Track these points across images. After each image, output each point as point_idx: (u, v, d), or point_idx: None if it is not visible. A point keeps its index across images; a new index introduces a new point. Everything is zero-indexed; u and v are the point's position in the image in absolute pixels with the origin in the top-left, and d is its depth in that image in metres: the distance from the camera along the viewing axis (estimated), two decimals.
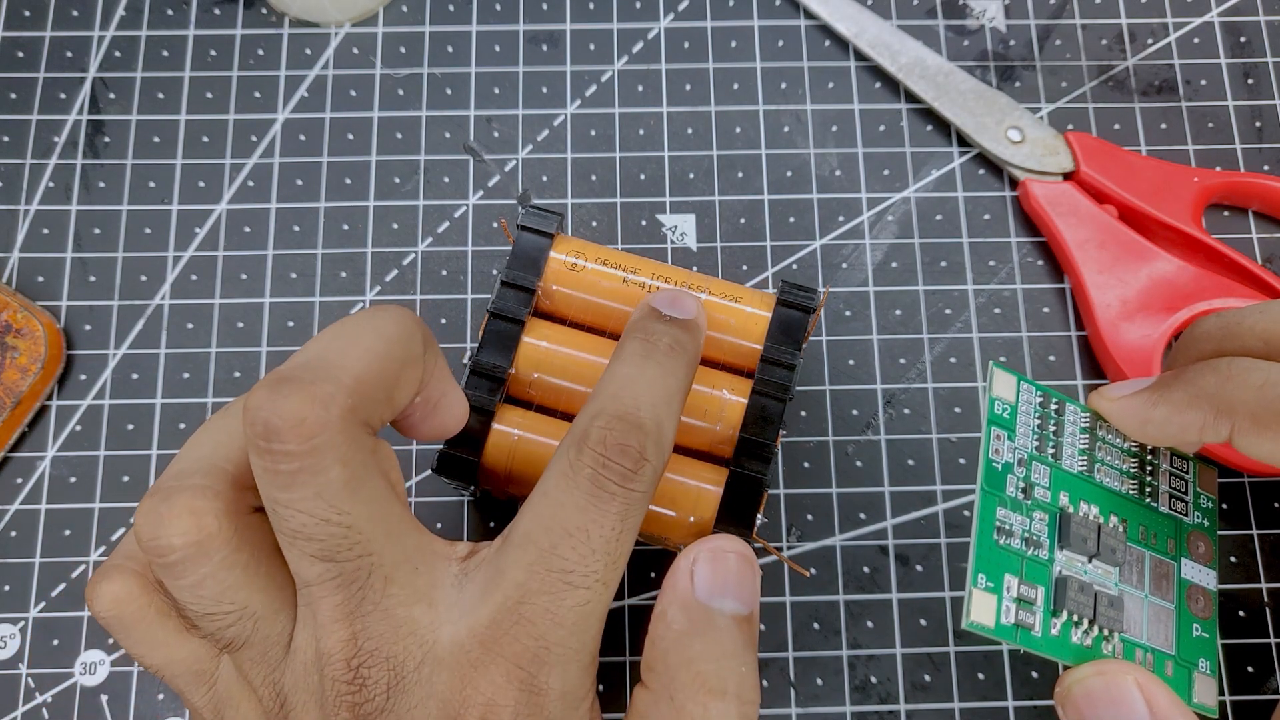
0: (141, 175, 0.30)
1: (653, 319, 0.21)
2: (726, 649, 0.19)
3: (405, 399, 0.19)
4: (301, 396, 0.16)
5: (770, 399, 0.24)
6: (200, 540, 0.17)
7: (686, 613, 0.19)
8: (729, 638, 0.19)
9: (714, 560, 0.19)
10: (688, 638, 0.19)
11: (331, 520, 0.16)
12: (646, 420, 0.18)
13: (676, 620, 0.19)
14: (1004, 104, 0.30)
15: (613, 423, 0.18)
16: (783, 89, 0.31)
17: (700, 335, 0.22)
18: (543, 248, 0.24)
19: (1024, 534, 0.21)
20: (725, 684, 0.18)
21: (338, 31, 0.31)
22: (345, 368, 0.17)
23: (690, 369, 0.21)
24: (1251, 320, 0.20)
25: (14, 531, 0.27)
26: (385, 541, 0.17)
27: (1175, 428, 0.19)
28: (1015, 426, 0.22)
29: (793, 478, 0.28)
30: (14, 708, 0.26)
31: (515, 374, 0.24)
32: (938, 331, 0.29)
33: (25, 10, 0.31)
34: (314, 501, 0.16)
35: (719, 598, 0.19)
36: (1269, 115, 0.31)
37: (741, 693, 0.18)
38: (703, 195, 0.30)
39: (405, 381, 0.18)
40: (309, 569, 0.17)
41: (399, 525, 0.18)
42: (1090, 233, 0.28)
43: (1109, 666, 0.20)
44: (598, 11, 0.32)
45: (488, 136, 0.30)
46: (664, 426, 0.18)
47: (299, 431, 0.16)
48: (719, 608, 0.19)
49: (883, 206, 0.30)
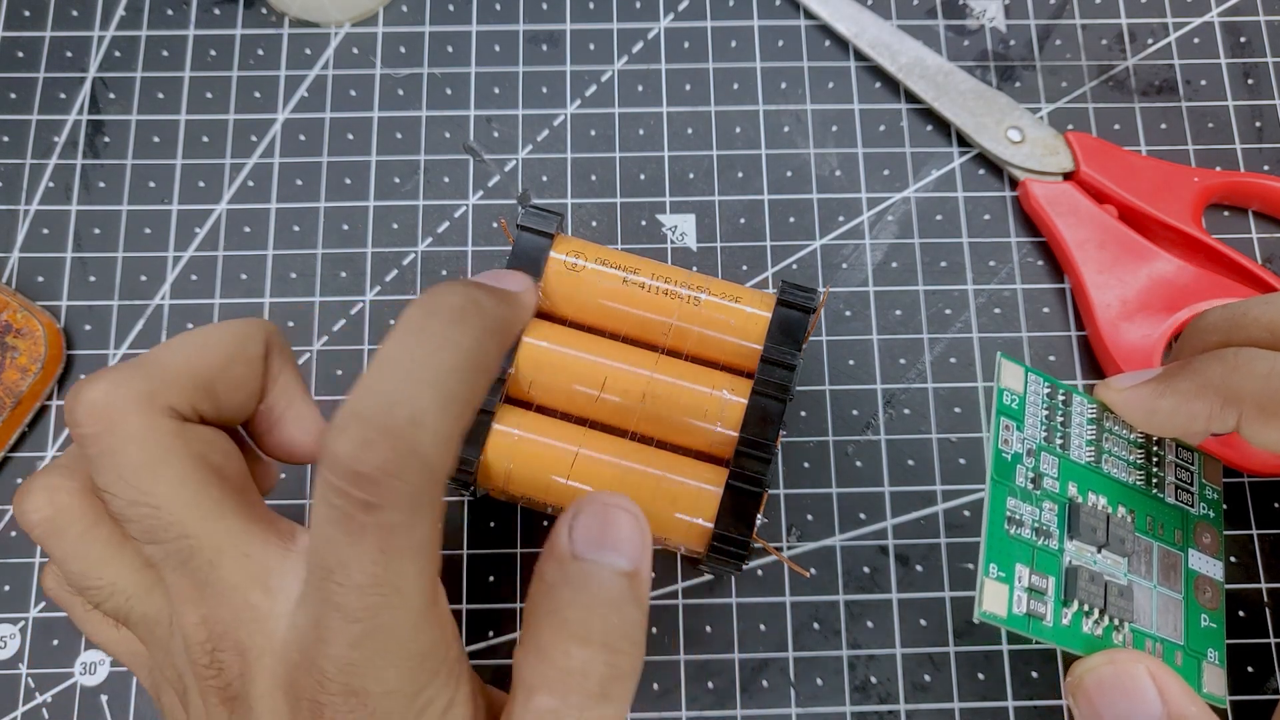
0: (141, 175, 0.30)
1: (450, 282, 0.18)
2: (598, 598, 0.18)
3: (233, 395, 0.19)
4: (98, 383, 0.17)
5: (770, 399, 0.24)
6: (53, 515, 0.18)
7: (559, 566, 0.18)
8: (601, 588, 0.18)
9: (592, 515, 0.18)
10: (557, 589, 0.18)
11: (138, 501, 0.17)
12: (399, 421, 0.15)
13: (549, 574, 0.18)
14: (1004, 104, 0.30)
15: (353, 431, 0.15)
16: (783, 89, 0.31)
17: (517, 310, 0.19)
18: (543, 248, 0.24)
19: (1034, 524, 0.21)
20: (591, 631, 0.17)
21: (338, 31, 0.31)
22: (153, 358, 0.18)
23: (490, 340, 0.17)
24: (1257, 311, 0.20)
25: (14, 531, 0.27)
26: (202, 524, 0.17)
27: (1182, 418, 0.19)
28: (1024, 417, 0.22)
29: (793, 478, 0.28)
30: (14, 708, 0.26)
31: (515, 374, 0.24)
32: (938, 331, 0.29)
33: (25, 10, 0.31)
34: (118, 483, 0.17)
35: (596, 551, 0.18)
36: (1269, 115, 0.31)
37: (610, 641, 0.17)
38: (703, 195, 0.30)
39: (233, 377, 0.19)
40: (146, 550, 0.17)
41: (218, 508, 0.17)
42: (1090, 233, 0.28)
43: (1120, 655, 0.20)
44: (598, 11, 0.32)
45: (488, 136, 0.30)
46: (425, 425, 0.15)
47: (91, 413, 0.17)
48: (594, 559, 0.18)
49: (883, 206, 0.30)
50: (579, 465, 0.23)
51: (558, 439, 0.24)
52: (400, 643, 0.16)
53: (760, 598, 0.27)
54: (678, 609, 0.27)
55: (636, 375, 0.24)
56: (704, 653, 0.26)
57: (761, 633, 0.26)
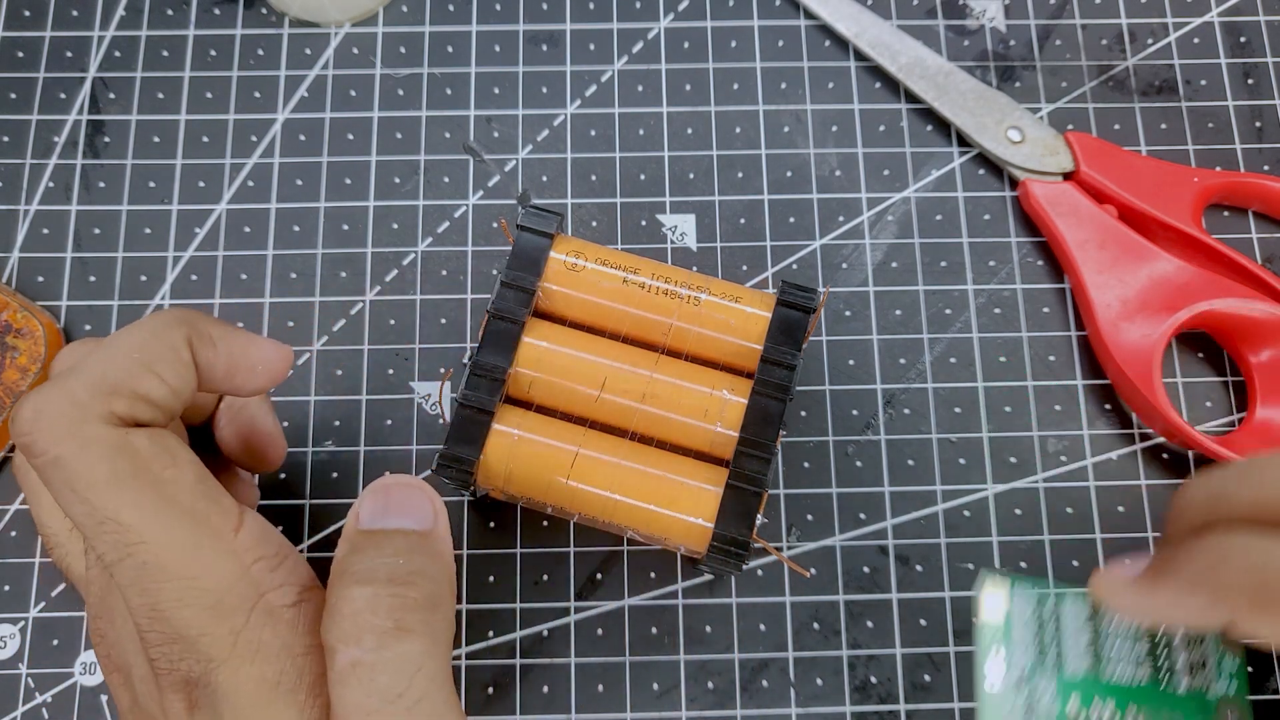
0: (141, 175, 0.30)
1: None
2: (384, 551, 0.18)
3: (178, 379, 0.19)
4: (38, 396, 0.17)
5: (770, 399, 0.24)
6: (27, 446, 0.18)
7: (349, 543, 0.18)
8: (388, 542, 0.18)
9: (375, 494, 0.19)
10: (345, 559, 0.18)
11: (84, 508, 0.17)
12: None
13: (340, 553, 0.18)
14: (1004, 104, 0.30)
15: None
16: (783, 89, 0.31)
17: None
18: (543, 248, 0.24)
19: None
20: (374, 575, 0.17)
21: (338, 31, 0.31)
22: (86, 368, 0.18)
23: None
24: (1236, 487, 0.19)
25: (14, 531, 0.27)
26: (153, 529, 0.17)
27: (1178, 616, 0.18)
28: (1012, 638, 0.21)
29: (793, 478, 0.28)
30: (14, 708, 0.26)
31: (515, 374, 0.24)
32: (938, 331, 0.29)
33: (25, 10, 0.31)
34: (64, 491, 0.17)
35: (381, 520, 0.19)
36: (1269, 115, 0.31)
37: (395, 578, 0.17)
38: (703, 195, 0.30)
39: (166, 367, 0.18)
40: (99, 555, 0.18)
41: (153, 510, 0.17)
42: (1090, 233, 0.28)
43: None
44: (598, 11, 0.32)
45: (488, 136, 0.30)
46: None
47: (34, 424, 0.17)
48: (380, 526, 0.18)
49: (883, 206, 0.30)
50: (579, 465, 0.23)
51: (558, 439, 0.24)
52: (182, 583, 0.17)
53: (760, 598, 0.27)
54: (678, 609, 0.27)
55: (636, 375, 0.24)
56: (704, 653, 0.26)
57: (761, 633, 0.26)
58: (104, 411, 0.17)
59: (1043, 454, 0.28)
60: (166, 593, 0.17)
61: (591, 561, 0.27)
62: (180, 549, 0.17)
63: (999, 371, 0.28)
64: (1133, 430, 0.28)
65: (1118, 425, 0.28)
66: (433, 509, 0.19)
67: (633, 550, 0.27)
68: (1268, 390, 0.28)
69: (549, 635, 0.26)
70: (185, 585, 0.17)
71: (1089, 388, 0.28)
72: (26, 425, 0.17)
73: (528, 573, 0.27)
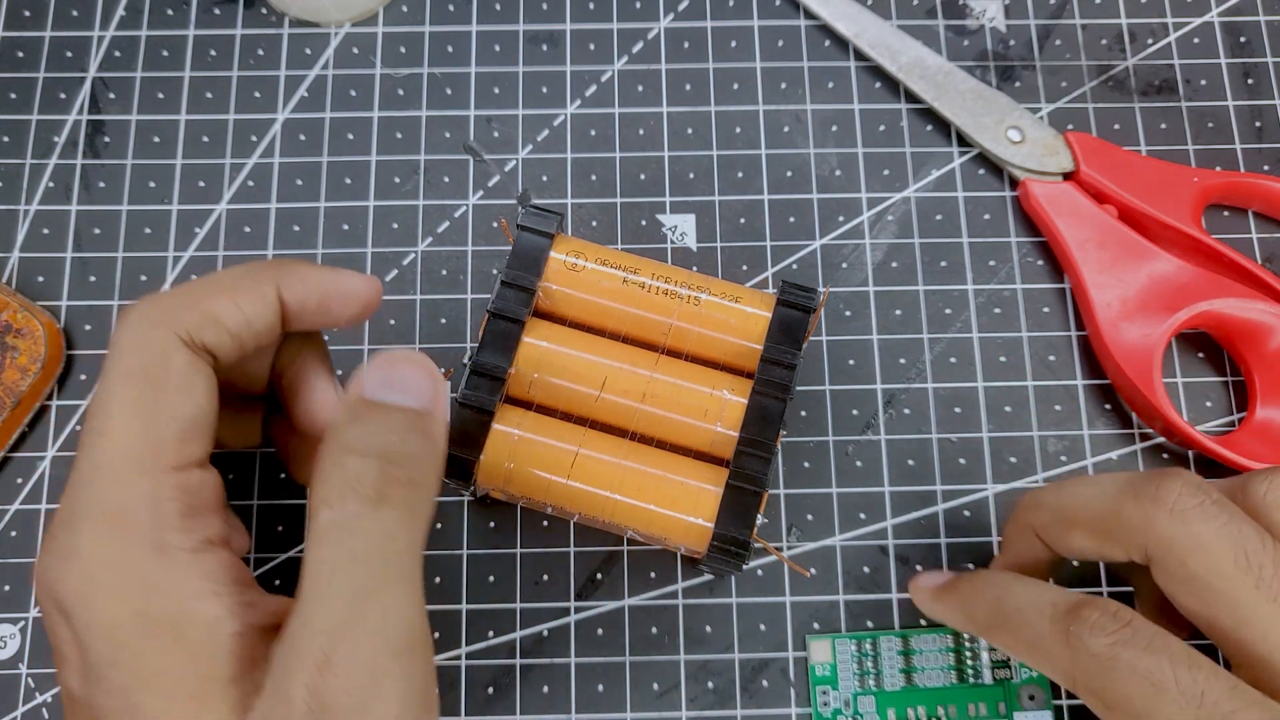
0: (141, 175, 0.30)
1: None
2: (381, 424, 0.19)
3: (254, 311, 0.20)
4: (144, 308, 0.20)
5: (770, 399, 0.24)
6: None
7: (350, 410, 0.19)
8: (386, 416, 0.19)
9: (380, 364, 0.19)
10: (343, 426, 0.19)
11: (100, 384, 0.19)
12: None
13: (340, 420, 0.19)
14: (1004, 104, 0.30)
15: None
16: (783, 89, 0.31)
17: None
18: (543, 248, 0.24)
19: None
20: (369, 446, 0.18)
21: (338, 31, 0.31)
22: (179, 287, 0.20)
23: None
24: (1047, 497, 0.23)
25: (14, 531, 0.27)
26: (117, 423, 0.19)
27: (946, 621, 0.23)
28: (838, 680, 0.26)
29: (793, 478, 0.28)
30: (14, 708, 0.26)
31: (515, 374, 0.24)
32: (938, 331, 0.29)
33: (25, 10, 0.31)
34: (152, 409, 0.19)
35: (383, 392, 0.19)
36: (1269, 115, 0.31)
37: (388, 454, 0.18)
38: (703, 195, 0.30)
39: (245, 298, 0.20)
40: None
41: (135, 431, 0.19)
42: (1090, 233, 0.28)
43: None
44: (598, 11, 0.32)
45: (488, 136, 0.30)
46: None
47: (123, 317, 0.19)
48: (382, 399, 0.19)
49: (883, 206, 0.30)
50: (579, 465, 0.23)
51: (558, 439, 0.24)
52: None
53: (760, 598, 0.27)
54: (678, 609, 0.27)
55: (636, 375, 0.24)
56: (704, 653, 0.26)
57: (761, 633, 0.26)
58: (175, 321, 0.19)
59: (1043, 454, 0.28)
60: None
61: (591, 561, 0.27)
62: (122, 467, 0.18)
63: (999, 371, 0.28)
64: (1133, 430, 0.28)
65: (1118, 425, 0.28)
66: (433, 390, 0.19)
67: (633, 550, 0.27)
68: (1268, 390, 0.28)
69: (549, 635, 0.26)
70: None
71: (1089, 388, 0.28)
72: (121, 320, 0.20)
73: (528, 573, 0.27)
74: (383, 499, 0.18)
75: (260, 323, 0.20)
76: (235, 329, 0.20)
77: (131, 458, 0.18)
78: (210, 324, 0.19)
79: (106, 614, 0.17)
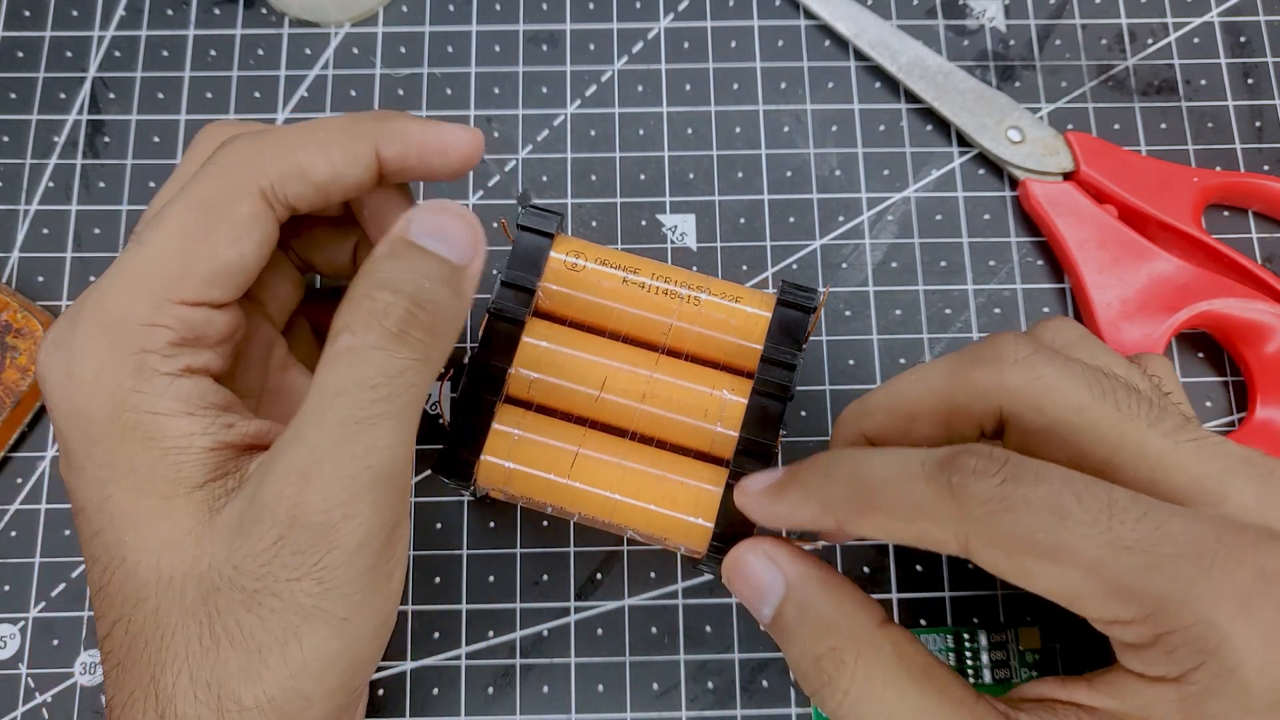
0: (141, 175, 0.30)
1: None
2: (418, 267, 0.19)
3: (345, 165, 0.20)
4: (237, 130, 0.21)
5: (770, 399, 0.23)
6: None
7: (390, 245, 0.19)
8: (424, 261, 0.19)
9: (430, 210, 0.20)
10: (382, 259, 0.19)
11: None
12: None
13: (379, 250, 0.19)
14: (1004, 104, 0.30)
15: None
16: (783, 89, 0.31)
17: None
18: (543, 248, 0.24)
19: None
20: (400, 284, 0.19)
21: (338, 31, 0.31)
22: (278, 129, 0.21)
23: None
24: (875, 399, 0.22)
25: (14, 531, 0.27)
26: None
27: (795, 521, 0.20)
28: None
29: None
30: (14, 708, 0.26)
31: (515, 374, 0.24)
32: (938, 331, 0.29)
33: (25, 10, 0.31)
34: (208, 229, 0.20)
35: (426, 237, 0.19)
36: (1269, 115, 0.31)
37: (417, 297, 0.18)
38: (703, 195, 0.30)
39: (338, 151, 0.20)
40: None
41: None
42: (1090, 233, 0.28)
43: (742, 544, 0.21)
44: (598, 11, 0.32)
45: (488, 136, 0.30)
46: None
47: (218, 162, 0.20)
48: (424, 243, 0.19)
49: (883, 206, 0.30)
50: (579, 465, 0.23)
51: (558, 439, 0.24)
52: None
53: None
54: (678, 609, 0.27)
55: (636, 375, 0.24)
56: (704, 653, 0.26)
57: (761, 633, 0.26)
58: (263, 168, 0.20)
59: None
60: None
61: (591, 561, 0.27)
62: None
63: None
64: None
65: None
66: (474, 249, 0.20)
67: (633, 550, 0.27)
68: (1268, 390, 0.28)
69: (549, 635, 0.26)
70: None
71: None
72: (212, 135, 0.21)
73: (528, 573, 0.27)
74: (403, 337, 0.18)
75: (350, 179, 0.21)
76: (322, 182, 0.20)
77: (150, 277, 0.19)
78: (296, 177, 0.20)
79: (83, 409, 0.18)
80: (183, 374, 0.19)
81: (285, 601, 0.17)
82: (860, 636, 0.19)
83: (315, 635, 0.18)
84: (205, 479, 0.19)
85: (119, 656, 0.18)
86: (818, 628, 0.19)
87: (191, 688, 0.17)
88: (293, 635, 0.18)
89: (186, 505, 0.18)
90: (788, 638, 0.20)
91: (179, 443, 0.19)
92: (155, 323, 0.19)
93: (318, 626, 0.18)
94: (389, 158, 0.21)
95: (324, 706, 0.18)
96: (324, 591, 0.18)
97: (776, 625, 0.20)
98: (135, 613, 0.18)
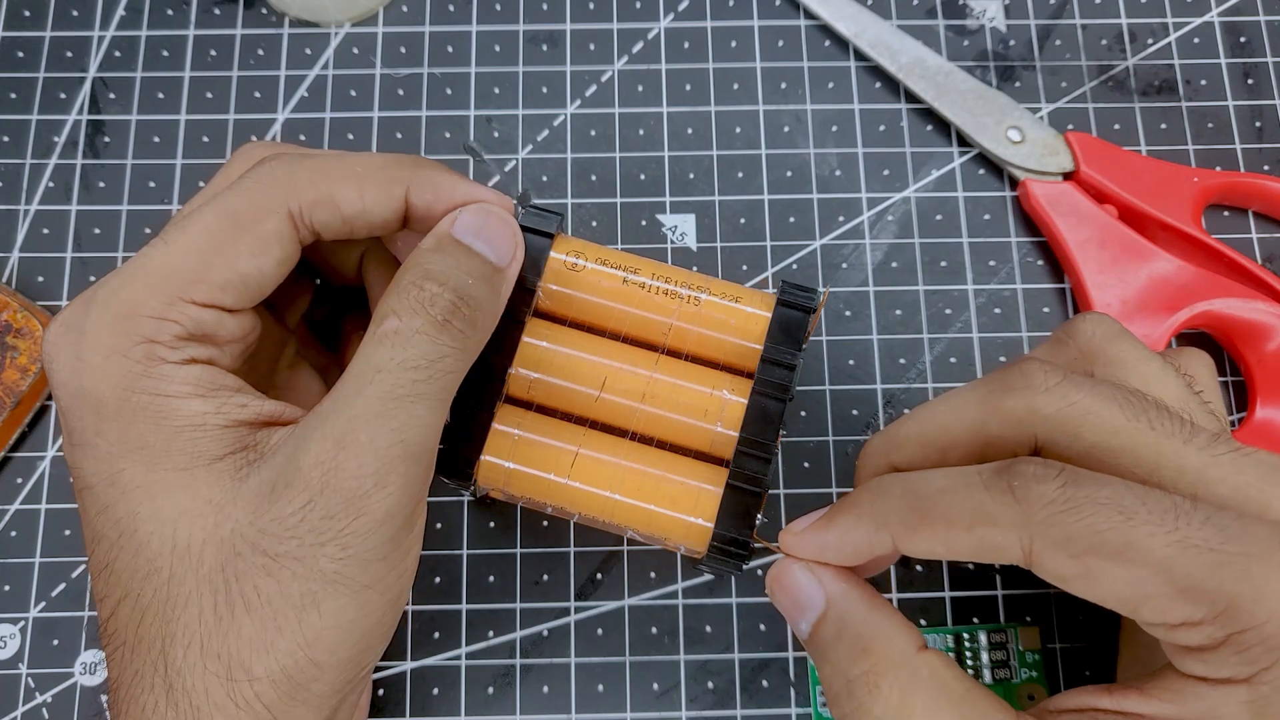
0: (141, 175, 0.30)
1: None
2: (461, 263, 0.20)
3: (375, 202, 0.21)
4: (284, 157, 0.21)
5: (770, 399, 0.23)
6: None
7: (436, 241, 0.21)
8: (469, 259, 0.20)
9: (476, 213, 0.21)
10: (428, 254, 0.20)
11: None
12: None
13: (425, 245, 0.20)
14: (1004, 104, 0.30)
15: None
16: (783, 89, 0.31)
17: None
18: (543, 248, 0.24)
19: None
20: (447, 276, 0.20)
21: (338, 31, 0.31)
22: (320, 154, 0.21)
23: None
24: (905, 429, 0.22)
25: (14, 531, 0.27)
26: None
27: (849, 546, 0.20)
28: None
29: (793, 478, 0.28)
30: (14, 708, 0.26)
31: (515, 374, 0.24)
32: (938, 331, 0.29)
33: (25, 10, 0.31)
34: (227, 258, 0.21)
35: (471, 237, 0.21)
36: (1269, 115, 0.31)
37: (462, 290, 0.20)
38: (703, 195, 0.30)
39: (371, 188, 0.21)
40: None
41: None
42: (1090, 233, 0.28)
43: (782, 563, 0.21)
44: (598, 11, 0.32)
45: (488, 136, 0.30)
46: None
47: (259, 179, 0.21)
48: (469, 243, 0.21)
49: (883, 206, 0.30)
50: (579, 465, 0.23)
51: (558, 439, 0.24)
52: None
53: (760, 598, 0.27)
54: (678, 609, 0.27)
55: (636, 375, 0.24)
56: (704, 653, 0.26)
57: (761, 633, 0.26)
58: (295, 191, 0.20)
59: None
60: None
61: (591, 561, 0.27)
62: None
63: None
64: None
65: None
66: (513, 253, 0.22)
67: (633, 550, 0.27)
68: (1268, 390, 0.28)
69: (549, 635, 0.26)
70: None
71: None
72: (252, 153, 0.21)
73: (528, 573, 0.27)
74: (446, 326, 0.19)
75: (377, 217, 0.21)
76: (350, 215, 0.21)
77: (165, 275, 0.19)
78: (326, 205, 0.20)
79: (92, 390, 0.19)
80: (189, 362, 0.19)
81: (307, 566, 0.18)
82: (897, 660, 0.18)
83: (334, 602, 0.18)
84: (224, 452, 0.19)
85: (124, 635, 0.18)
86: (853, 648, 0.19)
87: (201, 659, 0.18)
88: (311, 601, 0.18)
89: (207, 475, 0.18)
90: (823, 655, 0.20)
91: (193, 420, 0.19)
92: (164, 317, 0.19)
93: (337, 593, 0.18)
94: (417, 204, 0.21)
95: (334, 678, 0.18)
96: (347, 558, 0.18)
97: (813, 642, 0.20)
98: (145, 586, 0.18)
